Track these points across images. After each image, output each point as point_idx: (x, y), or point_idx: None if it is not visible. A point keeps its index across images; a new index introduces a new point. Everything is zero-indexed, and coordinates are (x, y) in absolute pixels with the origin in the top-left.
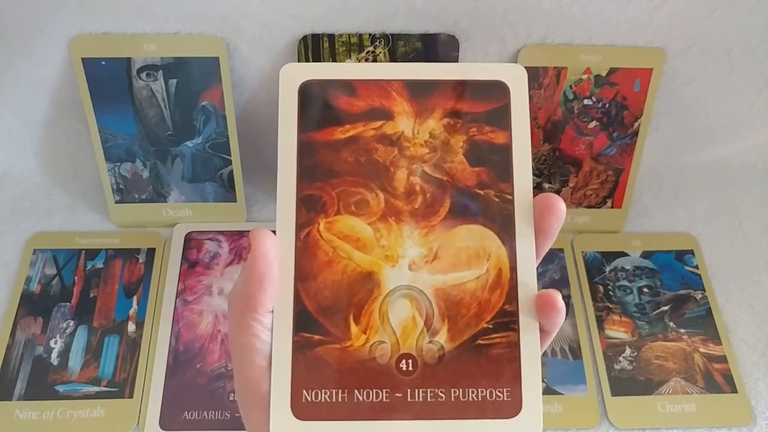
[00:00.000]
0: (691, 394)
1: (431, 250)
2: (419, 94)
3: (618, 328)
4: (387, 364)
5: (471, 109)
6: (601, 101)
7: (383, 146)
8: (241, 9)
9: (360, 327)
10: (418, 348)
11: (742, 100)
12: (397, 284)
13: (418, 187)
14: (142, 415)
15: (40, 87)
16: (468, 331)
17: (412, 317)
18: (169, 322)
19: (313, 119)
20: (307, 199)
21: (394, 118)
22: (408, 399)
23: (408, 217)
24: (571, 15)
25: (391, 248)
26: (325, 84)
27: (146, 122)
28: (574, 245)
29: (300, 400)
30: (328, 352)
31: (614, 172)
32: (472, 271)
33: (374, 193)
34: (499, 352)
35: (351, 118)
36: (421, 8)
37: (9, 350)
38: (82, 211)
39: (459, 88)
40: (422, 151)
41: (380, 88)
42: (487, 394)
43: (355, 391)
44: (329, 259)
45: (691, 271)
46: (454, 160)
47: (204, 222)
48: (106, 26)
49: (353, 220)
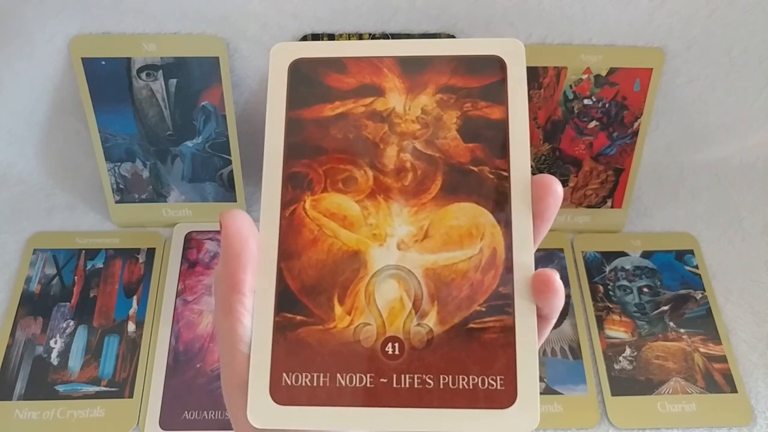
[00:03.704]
0: (691, 394)
1: (421, 228)
2: (412, 70)
3: (618, 327)
4: (372, 348)
5: (465, 84)
6: (601, 101)
7: (373, 123)
8: (241, 9)
9: (344, 308)
10: (406, 331)
11: (742, 100)
12: (384, 264)
13: (409, 164)
14: (142, 414)
15: (40, 87)
16: (459, 314)
17: (400, 298)
18: (169, 322)
19: (302, 97)
20: (294, 177)
21: (385, 94)
22: (393, 385)
23: (397, 194)
24: (571, 15)
25: (379, 226)
26: (316, 62)
27: (146, 122)
28: (574, 245)
29: (279, 383)
30: (310, 334)
31: (614, 172)
32: (464, 250)
33: (363, 170)
34: (492, 336)
35: (341, 95)
36: (421, 8)
37: (9, 350)
38: (82, 211)
39: (453, 63)
40: (413, 127)
41: (371, 64)
42: (479, 381)
43: (338, 375)
44: (314, 238)
45: (691, 271)
46: (447, 136)
47: (204, 222)
48: (106, 26)
49: (340, 197)
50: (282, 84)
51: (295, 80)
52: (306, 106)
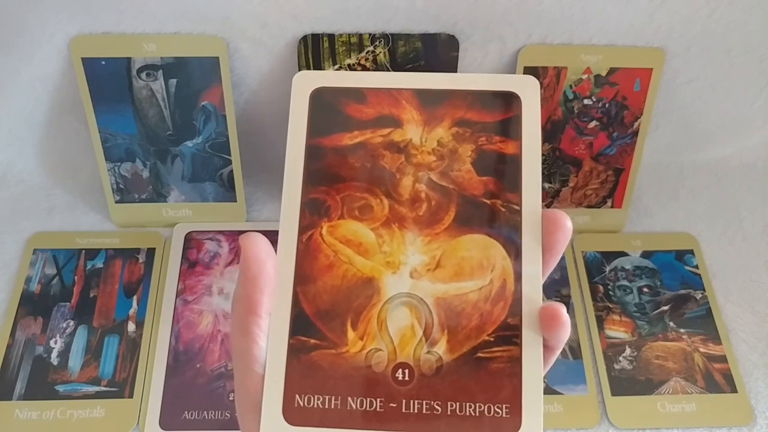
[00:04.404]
0: (691, 394)
1: (434, 258)
2: (429, 103)
3: (618, 327)
4: (383, 373)
5: (481, 119)
6: (601, 101)
7: (390, 153)
8: (241, 9)
9: (357, 333)
10: (416, 358)
11: (742, 100)
12: (397, 291)
13: (424, 194)
14: (142, 414)
15: (40, 87)
16: (468, 343)
17: (411, 326)
18: (169, 322)
19: (322, 125)
20: (312, 203)
21: (402, 125)
22: (402, 410)
23: (412, 224)
24: (571, 15)
25: (392, 254)
26: (336, 91)
27: (146, 122)
28: (574, 245)
29: (292, 404)
30: (323, 357)
31: (614, 172)
32: (475, 281)
33: (379, 198)
34: (499, 366)
35: (359, 125)
36: (421, 8)
37: (9, 350)
38: (82, 211)
39: (470, 98)
40: (429, 158)
41: (390, 96)
42: (485, 409)
43: (349, 399)
44: (330, 263)
45: (691, 271)
46: (462, 168)
47: (204, 222)
48: (106, 26)
49: (356, 225)
50: (303, 111)
51: (316, 108)
52: (326, 134)
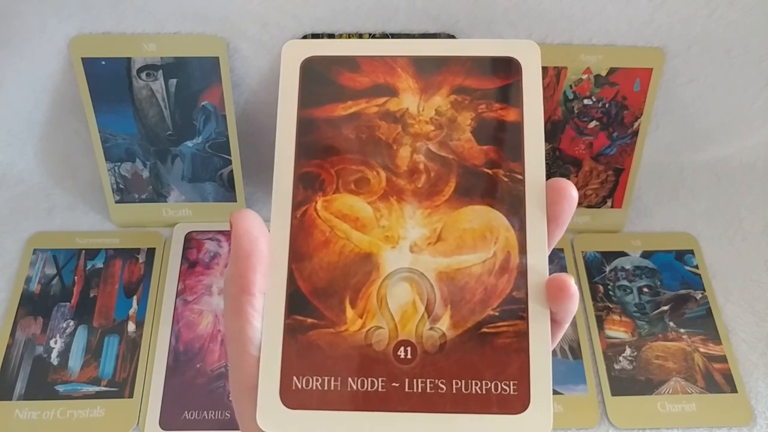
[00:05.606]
0: (691, 394)
1: (434, 231)
2: (426, 71)
3: (618, 327)
4: (384, 351)
5: (480, 86)
6: (601, 101)
7: (386, 123)
8: (241, 9)
9: (356, 311)
10: (418, 335)
11: (742, 100)
12: (397, 267)
13: (422, 165)
14: (142, 414)
15: (40, 87)
16: (472, 318)
17: (412, 302)
18: (169, 322)
19: (314, 96)
20: (305, 177)
21: (398, 94)
22: (405, 389)
23: (410, 196)
24: (571, 15)
25: (391, 229)
26: (328, 60)
27: (146, 122)
28: (574, 245)
29: (290, 387)
30: (321, 337)
31: (614, 172)
32: (477, 254)
33: (375, 171)
34: (505, 341)
35: (353, 95)
36: (421, 8)
37: (9, 350)
38: (82, 211)
39: (468, 64)
40: (427, 128)
41: (385, 64)
42: (491, 386)
43: (349, 379)
44: (326, 239)
45: (691, 271)
46: (461, 137)
47: (204, 222)
48: (106, 26)
49: (352, 198)
50: (294, 82)
51: (307, 79)
52: (318, 105)
